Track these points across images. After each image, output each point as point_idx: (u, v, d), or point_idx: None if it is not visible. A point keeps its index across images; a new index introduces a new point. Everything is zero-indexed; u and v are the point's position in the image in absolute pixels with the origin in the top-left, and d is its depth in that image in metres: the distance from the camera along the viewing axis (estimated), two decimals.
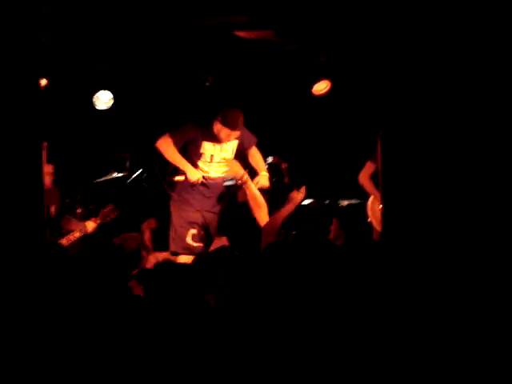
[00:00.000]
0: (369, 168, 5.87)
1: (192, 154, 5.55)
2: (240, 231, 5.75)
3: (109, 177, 7.11)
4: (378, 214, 5.64)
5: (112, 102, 7.00)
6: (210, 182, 5.61)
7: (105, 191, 6.97)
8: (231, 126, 5.43)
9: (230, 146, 5.63)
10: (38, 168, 3.81)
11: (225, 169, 5.66)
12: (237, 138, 5.62)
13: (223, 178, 5.72)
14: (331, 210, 6.65)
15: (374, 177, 5.82)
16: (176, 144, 5.47)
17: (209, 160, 5.54)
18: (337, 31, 6.20)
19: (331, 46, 6.57)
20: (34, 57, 3.84)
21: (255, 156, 5.81)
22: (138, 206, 6.67)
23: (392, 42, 5.99)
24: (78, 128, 7.31)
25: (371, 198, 5.89)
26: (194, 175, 5.44)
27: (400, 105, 5.79)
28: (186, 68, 6.87)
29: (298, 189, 5.55)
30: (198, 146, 5.52)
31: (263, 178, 5.67)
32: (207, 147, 5.51)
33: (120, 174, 7.14)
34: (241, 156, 5.82)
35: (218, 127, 5.46)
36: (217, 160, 5.58)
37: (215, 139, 5.52)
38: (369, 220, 5.90)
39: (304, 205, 6.55)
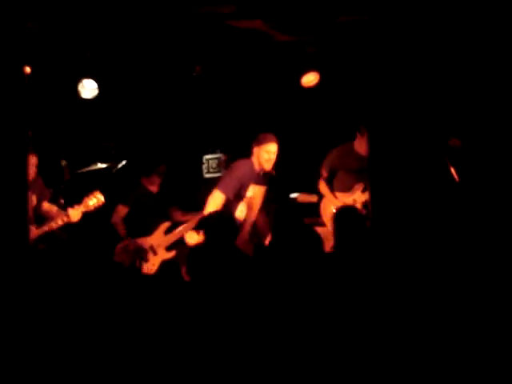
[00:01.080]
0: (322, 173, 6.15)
1: (235, 199, 5.39)
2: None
3: (93, 167, 7.02)
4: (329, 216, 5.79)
5: (97, 90, 6.90)
6: None
7: (89, 181, 6.89)
8: (267, 140, 5.31)
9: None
10: (23, 157, 3.74)
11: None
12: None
13: None
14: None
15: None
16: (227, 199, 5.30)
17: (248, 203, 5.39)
18: (326, 22, 6.16)
19: (321, 37, 6.53)
20: (18, 44, 3.75)
21: None
22: (123, 197, 6.58)
23: (382, 34, 5.98)
24: (63, 117, 7.22)
25: (324, 200, 6.11)
26: (191, 239, 5.25)
27: (388, 98, 5.77)
28: (173, 57, 6.79)
29: None
30: (245, 190, 5.36)
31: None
32: (252, 190, 5.40)
33: (105, 164, 7.05)
34: None
35: (256, 152, 5.34)
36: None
37: (258, 180, 5.38)
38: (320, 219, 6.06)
39: (293, 198, 6.53)
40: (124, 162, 7.02)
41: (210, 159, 6.85)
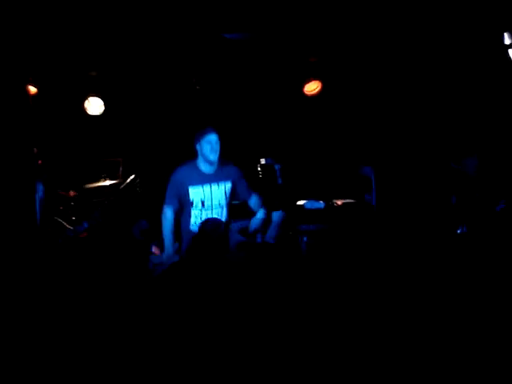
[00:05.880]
0: None
1: (185, 206, 5.23)
2: None
3: (101, 182, 7.09)
4: None
5: (103, 107, 7.00)
6: None
7: (98, 197, 6.96)
8: (206, 131, 5.16)
9: (222, 189, 5.26)
10: (31, 175, 3.80)
11: (220, 216, 5.23)
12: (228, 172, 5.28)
13: None
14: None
15: None
16: (175, 208, 5.21)
17: (200, 206, 5.20)
18: (328, 32, 6.23)
19: (322, 46, 6.60)
20: (21, 64, 3.82)
21: (257, 200, 5.33)
22: (131, 211, 6.65)
23: (383, 42, 6.05)
24: (70, 134, 7.30)
25: None
26: (166, 258, 5.10)
27: (391, 107, 5.84)
28: (176, 72, 6.87)
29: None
30: (187, 194, 5.19)
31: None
32: (194, 193, 5.19)
33: (113, 180, 7.12)
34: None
35: (199, 147, 5.17)
36: (209, 205, 5.22)
37: (201, 180, 5.22)
38: None
39: (299, 205, 6.57)
40: (132, 177, 7.09)
41: None
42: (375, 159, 5.73)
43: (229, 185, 5.24)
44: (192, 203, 5.18)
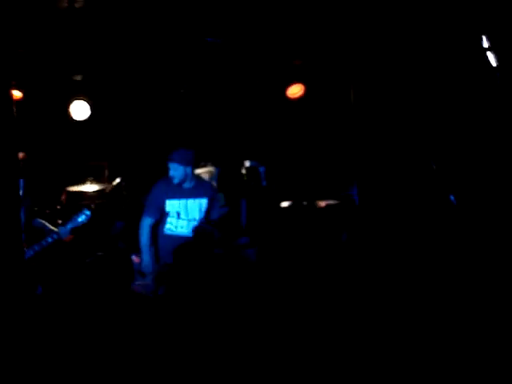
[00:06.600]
0: None
1: (163, 214, 5.58)
2: None
3: (87, 186, 7.11)
4: None
5: (89, 112, 7.03)
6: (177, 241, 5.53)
7: (84, 201, 6.98)
8: (171, 159, 5.43)
9: (197, 204, 5.62)
10: (15, 179, 3.80)
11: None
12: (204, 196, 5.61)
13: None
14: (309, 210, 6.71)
15: None
16: (155, 219, 5.53)
17: (176, 217, 5.56)
18: (311, 35, 6.30)
19: (305, 49, 6.67)
20: (5, 68, 3.84)
21: None
22: (117, 215, 6.69)
23: (365, 45, 6.13)
24: (56, 138, 7.32)
25: None
26: (144, 268, 5.44)
27: (372, 108, 5.89)
28: (161, 76, 6.91)
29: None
30: (164, 206, 5.54)
31: None
32: (170, 205, 5.54)
33: (98, 184, 7.14)
34: None
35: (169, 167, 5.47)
36: (184, 218, 5.58)
37: (178, 194, 5.55)
38: None
39: (282, 207, 6.62)
40: (118, 180, 7.13)
41: (201, 173, 6.93)
42: (359, 161, 5.80)
43: (205, 201, 5.61)
44: (168, 213, 5.55)
